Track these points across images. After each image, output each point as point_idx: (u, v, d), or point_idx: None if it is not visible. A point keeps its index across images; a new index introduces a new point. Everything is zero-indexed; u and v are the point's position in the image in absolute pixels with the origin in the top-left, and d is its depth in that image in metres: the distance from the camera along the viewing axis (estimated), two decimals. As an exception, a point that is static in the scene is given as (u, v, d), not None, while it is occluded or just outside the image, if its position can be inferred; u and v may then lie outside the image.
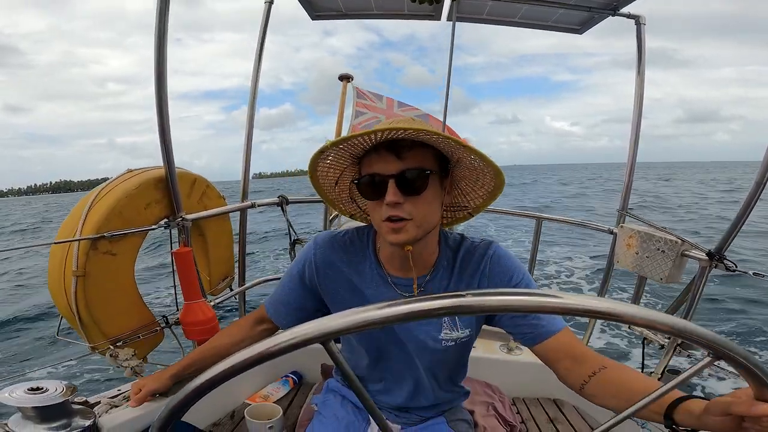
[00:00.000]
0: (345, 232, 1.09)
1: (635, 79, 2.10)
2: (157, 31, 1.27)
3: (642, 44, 2.04)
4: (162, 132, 1.38)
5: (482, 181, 0.96)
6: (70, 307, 1.28)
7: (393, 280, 1.02)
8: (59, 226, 1.38)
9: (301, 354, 0.42)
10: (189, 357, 1.20)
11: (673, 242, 1.64)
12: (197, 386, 0.42)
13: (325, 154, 0.92)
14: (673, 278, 1.66)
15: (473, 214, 1.06)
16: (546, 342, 0.95)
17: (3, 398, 0.86)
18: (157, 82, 1.32)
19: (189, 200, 1.64)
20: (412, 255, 0.95)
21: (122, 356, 1.38)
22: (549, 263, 9.56)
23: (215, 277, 1.91)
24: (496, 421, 1.48)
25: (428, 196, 0.89)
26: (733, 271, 1.51)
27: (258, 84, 2.15)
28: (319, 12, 2.35)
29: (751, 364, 0.45)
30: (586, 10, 2.08)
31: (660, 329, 0.42)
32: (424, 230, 0.91)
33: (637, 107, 2.09)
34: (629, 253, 1.85)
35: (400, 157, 0.86)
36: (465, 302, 0.41)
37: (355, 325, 0.40)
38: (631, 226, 1.90)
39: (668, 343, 1.66)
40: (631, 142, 2.12)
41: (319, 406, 1.24)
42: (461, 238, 1.05)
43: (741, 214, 1.47)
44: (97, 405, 1.20)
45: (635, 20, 2.03)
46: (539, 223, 2.28)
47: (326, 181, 1.03)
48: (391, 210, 0.87)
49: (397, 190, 0.86)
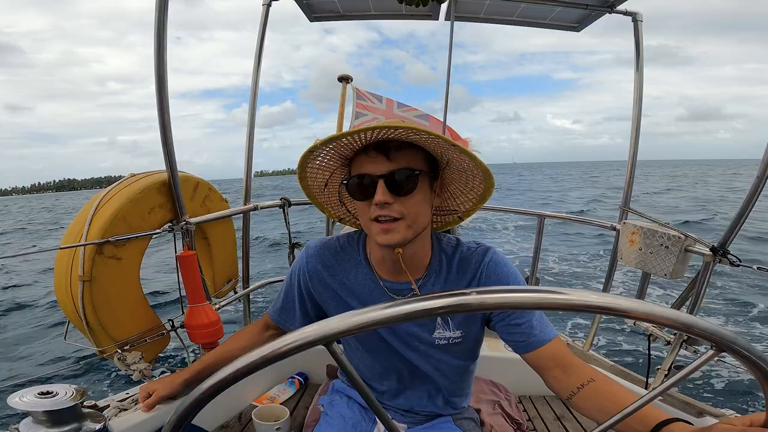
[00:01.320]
0: (337, 238, 1.09)
1: (634, 76, 2.10)
2: (157, 38, 1.28)
3: (639, 41, 2.05)
4: (164, 137, 1.39)
5: (472, 184, 0.95)
6: (77, 312, 1.28)
7: (385, 284, 1.02)
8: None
9: (307, 355, 0.42)
10: (200, 362, 1.20)
11: (677, 238, 1.64)
12: (209, 387, 0.43)
13: (314, 154, 0.91)
14: (678, 274, 1.65)
15: (463, 218, 1.06)
16: (538, 350, 0.94)
17: (13, 403, 0.86)
18: (158, 88, 1.33)
19: (192, 204, 1.65)
20: (403, 258, 0.94)
21: (130, 359, 1.38)
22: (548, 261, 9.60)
23: (220, 279, 1.92)
24: (503, 419, 1.48)
25: (418, 196, 0.89)
26: (736, 265, 1.51)
27: (258, 85, 2.16)
28: (317, 13, 2.35)
29: (755, 356, 0.45)
30: (582, 8, 2.08)
31: (663, 323, 0.42)
32: (415, 231, 0.91)
33: (636, 104, 2.10)
34: (632, 250, 1.85)
35: (389, 158, 0.86)
36: (466, 300, 0.41)
37: (356, 327, 0.41)
38: (633, 222, 1.90)
39: (674, 339, 1.66)
40: (631, 139, 2.12)
41: (325, 407, 1.24)
42: (457, 242, 1.04)
43: (743, 209, 1.47)
44: (107, 408, 1.20)
45: (632, 17, 2.03)
46: (542, 220, 2.28)
47: (315, 183, 1.02)
48: (379, 210, 0.87)
49: (386, 190, 0.86)
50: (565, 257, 10.01)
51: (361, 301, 1.03)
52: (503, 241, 12.44)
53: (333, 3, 2.23)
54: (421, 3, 1.32)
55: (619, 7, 2.01)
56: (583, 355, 1.98)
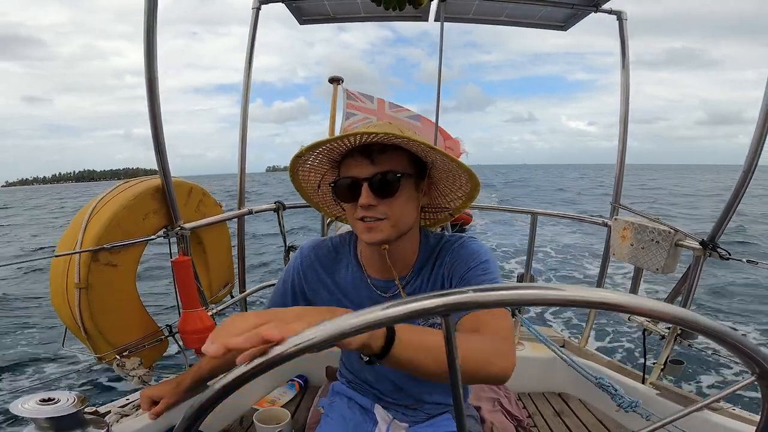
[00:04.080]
0: (330, 239, 1.13)
1: (620, 74, 2.12)
2: (146, 44, 1.27)
3: (625, 39, 2.07)
4: (156, 142, 1.39)
5: (459, 183, 0.98)
6: (75, 319, 1.28)
7: (372, 282, 1.05)
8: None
9: (306, 357, 0.43)
10: (200, 369, 1.17)
11: (667, 232, 1.67)
12: (217, 390, 0.43)
13: (303, 159, 0.95)
14: (669, 268, 1.68)
15: (454, 215, 1.09)
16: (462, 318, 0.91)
17: (16, 410, 0.86)
18: (149, 95, 1.32)
19: (186, 209, 1.64)
20: (390, 255, 0.97)
21: (129, 365, 1.38)
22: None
23: (216, 284, 1.92)
24: (503, 416, 1.50)
25: (402, 197, 0.91)
26: (726, 258, 1.54)
27: (249, 88, 2.16)
28: (307, 17, 2.36)
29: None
30: (568, 7, 2.11)
31: (660, 318, 0.43)
32: (399, 230, 0.94)
33: (623, 103, 2.12)
34: (624, 245, 1.88)
35: (373, 161, 0.89)
36: (462, 299, 0.41)
37: (365, 325, 0.41)
38: (624, 218, 1.92)
39: (668, 333, 1.68)
40: (620, 137, 2.14)
41: (325, 409, 1.25)
42: (440, 236, 1.06)
43: (731, 203, 1.50)
44: (108, 415, 1.20)
45: (617, 16, 2.06)
46: (534, 218, 2.30)
47: (308, 185, 1.06)
48: (364, 211, 0.90)
49: (370, 193, 0.89)
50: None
51: (351, 300, 1.06)
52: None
53: (323, 6, 2.23)
54: (398, 6, 1.33)
55: (604, 6, 2.03)
56: (580, 351, 2.00)
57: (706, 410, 1.47)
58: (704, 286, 7.01)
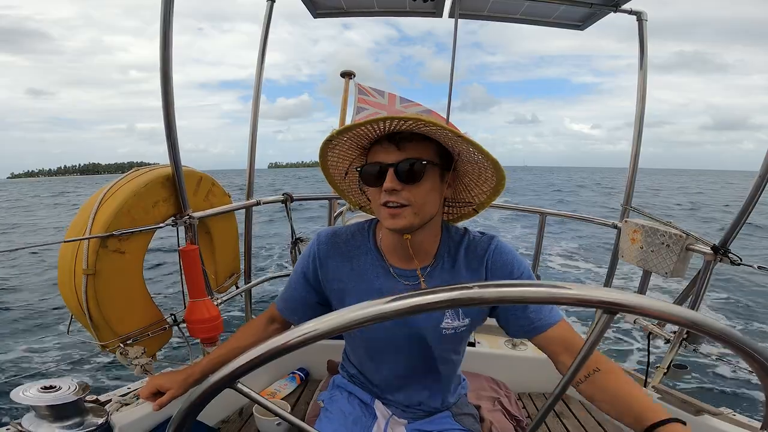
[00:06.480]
0: (347, 227, 1.13)
1: (638, 76, 2.09)
2: (162, 36, 1.28)
3: (644, 41, 2.04)
4: (168, 131, 1.40)
5: (485, 176, 0.98)
6: (81, 306, 1.28)
7: (395, 271, 1.05)
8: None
9: (308, 350, 0.43)
10: (209, 361, 1.17)
11: (678, 236, 1.65)
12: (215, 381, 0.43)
13: (332, 144, 0.97)
14: (678, 272, 1.66)
15: (478, 211, 1.09)
16: (545, 333, 0.97)
17: (17, 397, 0.87)
18: (163, 83, 1.33)
19: (195, 198, 1.65)
20: (412, 244, 0.99)
21: (132, 354, 1.38)
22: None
23: (222, 274, 1.92)
24: (503, 415, 1.49)
25: (426, 185, 0.93)
26: (738, 264, 1.51)
27: (261, 82, 2.16)
28: (321, 10, 2.35)
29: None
30: (587, 6, 2.08)
31: (672, 321, 0.42)
32: (422, 218, 0.95)
33: (639, 104, 2.09)
34: (634, 248, 1.86)
35: (399, 148, 0.91)
36: (473, 294, 0.41)
37: (371, 318, 0.41)
38: (635, 221, 1.90)
39: (674, 337, 1.67)
40: (634, 139, 2.12)
41: (325, 403, 1.25)
42: (464, 231, 1.08)
43: (745, 208, 1.47)
44: (108, 403, 1.21)
45: (637, 16, 2.02)
46: (543, 218, 2.28)
47: (337, 172, 1.08)
48: (388, 196, 0.92)
49: (394, 178, 0.91)
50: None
51: (371, 286, 1.06)
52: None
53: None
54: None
55: (624, 6, 2.00)
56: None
57: (707, 415, 1.45)
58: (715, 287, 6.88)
